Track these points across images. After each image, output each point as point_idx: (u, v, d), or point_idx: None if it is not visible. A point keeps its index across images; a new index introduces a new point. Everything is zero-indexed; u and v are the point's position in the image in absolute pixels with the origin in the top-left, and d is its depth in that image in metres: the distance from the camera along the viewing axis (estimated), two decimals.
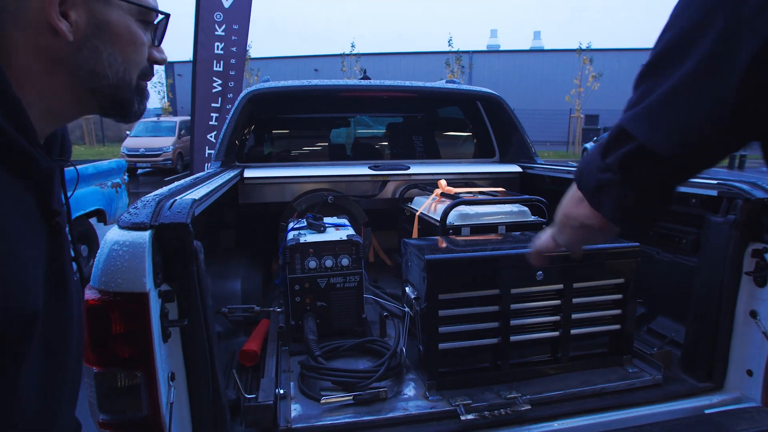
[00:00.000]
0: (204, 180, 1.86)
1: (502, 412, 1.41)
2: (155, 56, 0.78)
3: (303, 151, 3.46)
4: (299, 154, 3.37)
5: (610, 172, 0.75)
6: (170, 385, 1.15)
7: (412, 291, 1.61)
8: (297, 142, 3.52)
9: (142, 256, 1.04)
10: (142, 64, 0.75)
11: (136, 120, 0.80)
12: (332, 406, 1.44)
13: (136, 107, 0.76)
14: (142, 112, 0.78)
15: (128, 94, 0.74)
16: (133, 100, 0.75)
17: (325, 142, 3.60)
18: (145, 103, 0.78)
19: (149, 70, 0.77)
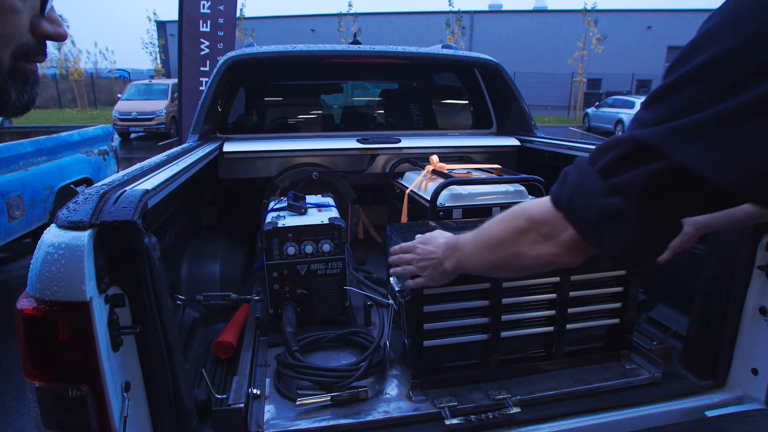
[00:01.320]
0: (175, 158, 1.71)
1: (490, 416, 1.32)
2: (44, 29, 0.57)
3: (289, 121, 3.28)
4: (285, 125, 3.19)
5: (620, 197, 0.60)
6: (124, 396, 1.04)
7: (397, 282, 1.50)
8: (282, 111, 3.32)
9: (80, 260, 0.91)
10: (19, 38, 0.55)
11: (18, 115, 0.59)
12: (308, 407, 1.35)
13: (13, 97, 0.56)
14: (27, 104, 0.58)
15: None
16: (7, 89, 0.55)
17: (312, 111, 3.41)
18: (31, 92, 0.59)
19: (37, 47, 0.57)
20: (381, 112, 3.53)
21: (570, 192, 0.68)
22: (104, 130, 5.99)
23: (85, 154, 5.50)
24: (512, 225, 0.82)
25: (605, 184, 0.62)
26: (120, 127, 14.26)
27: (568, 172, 0.71)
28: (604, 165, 0.63)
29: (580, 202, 0.66)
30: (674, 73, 0.57)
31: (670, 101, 0.56)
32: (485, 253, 0.91)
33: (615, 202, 0.61)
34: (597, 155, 0.66)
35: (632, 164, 0.59)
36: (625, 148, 0.60)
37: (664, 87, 0.57)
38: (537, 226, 0.76)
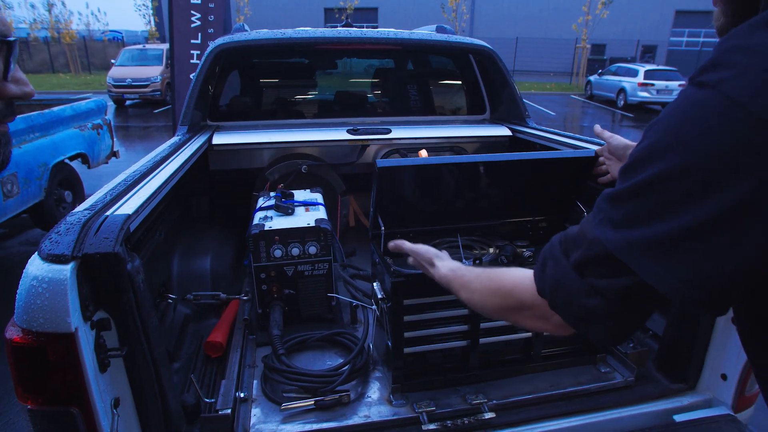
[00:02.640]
0: (162, 162, 1.72)
1: (465, 421, 1.38)
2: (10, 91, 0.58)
3: (279, 106, 3.24)
4: (275, 110, 3.16)
5: (599, 298, 0.63)
6: (114, 413, 1.09)
7: (380, 290, 1.54)
8: (272, 96, 3.29)
9: (63, 293, 0.94)
10: None
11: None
12: (293, 412, 1.41)
13: None
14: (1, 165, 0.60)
15: None
16: None
17: (303, 97, 3.37)
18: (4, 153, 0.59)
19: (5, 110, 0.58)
20: (373, 97, 3.49)
21: (551, 286, 0.70)
22: (97, 103, 5.92)
23: (78, 129, 5.45)
24: (506, 303, 0.83)
25: (583, 283, 0.64)
26: (114, 94, 14.04)
27: (546, 261, 0.72)
28: (578, 263, 0.65)
29: (562, 299, 0.68)
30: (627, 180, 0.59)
31: (628, 206, 0.59)
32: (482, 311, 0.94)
33: (595, 303, 0.63)
34: (570, 247, 0.68)
35: (604, 269, 0.62)
36: (596, 251, 0.62)
37: (621, 190, 0.60)
38: (529, 308, 0.77)
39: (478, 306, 0.92)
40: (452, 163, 1.59)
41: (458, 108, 3.39)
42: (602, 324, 0.64)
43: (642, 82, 15.32)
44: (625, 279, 0.59)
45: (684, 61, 24.14)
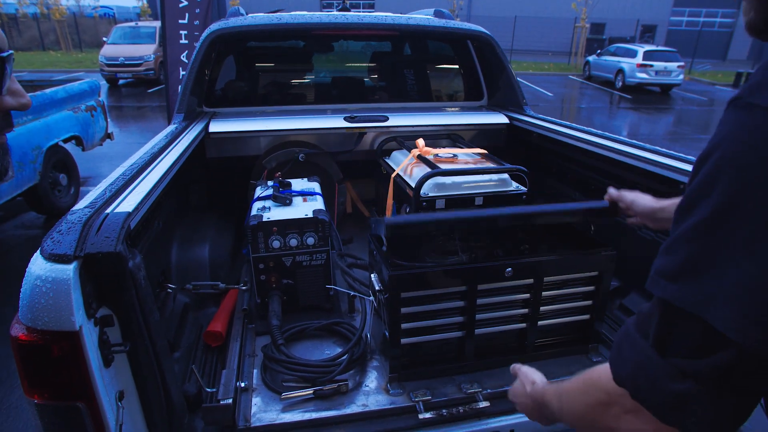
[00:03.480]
0: (159, 153, 1.72)
1: (461, 410, 1.42)
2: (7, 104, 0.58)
3: (276, 92, 3.22)
4: (272, 98, 3.14)
5: (692, 381, 0.54)
6: (118, 406, 1.12)
7: (377, 281, 1.56)
8: (268, 83, 3.26)
9: (67, 293, 0.96)
10: None
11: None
12: (292, 401, 1.45)
13: None
14: None
15: None
16: None
17: (299, 82, 3.34)
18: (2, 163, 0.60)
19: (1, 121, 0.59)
20: (370, 82, 3.46)
21: (632, 373, 0.60)
22: (90, 85, 5.84)
23: (72, 111, 5.39)
24: (591, 398, 0.70)
25: (668, 365, 0.55)
26: (107, 73, 13.82)
27: (622, 343, 0.63)
28: (659, 340, 0.57)
29: (647, 386, 0.58)
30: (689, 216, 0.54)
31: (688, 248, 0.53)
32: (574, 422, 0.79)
33: (687, 388, 0.54)
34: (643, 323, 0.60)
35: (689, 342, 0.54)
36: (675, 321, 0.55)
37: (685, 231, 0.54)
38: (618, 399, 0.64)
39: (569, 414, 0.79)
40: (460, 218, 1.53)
41: (455, 94, 3.38)
42: (698, 415, 0.54)
43: (641, 63, 15.20)
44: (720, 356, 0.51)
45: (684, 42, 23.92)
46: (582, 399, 0.73)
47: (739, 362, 0.51)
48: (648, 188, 1.84)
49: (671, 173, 1.68)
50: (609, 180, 2.07)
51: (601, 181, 2.13)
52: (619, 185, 2.01)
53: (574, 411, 0.76)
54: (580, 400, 0.74)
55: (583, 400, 0.73)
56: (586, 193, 2.28)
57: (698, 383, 0.53)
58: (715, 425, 0.55)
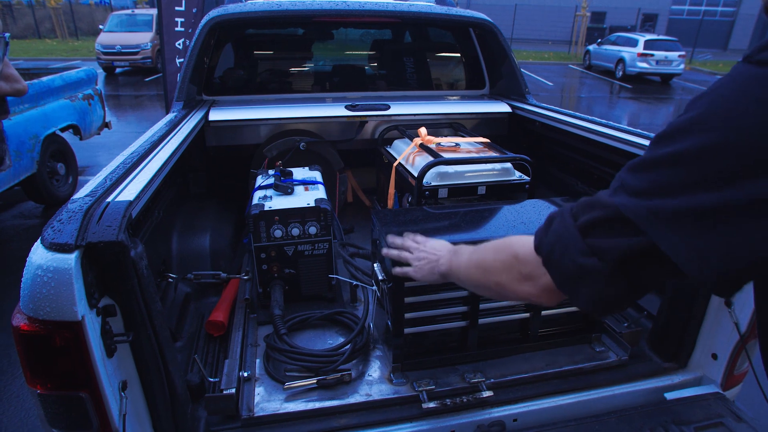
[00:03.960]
0: (159, 142, 1.70)
1: (464, 399, 1.42)
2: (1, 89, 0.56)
3: (275, 80, 3.18)
4: (271, 85, 3.10)
5: (596, 259, 0.64)
6: (122, 396, 1.11)
7: (380, 271, 1.55)
8: (268, 71, 3.22)
9: (69, 282, 0.95)
10: None
11: None
12: (296, 390, 1.44)
13: None
14: None
15: None
16: None
17: (299, 70, 3.30)
18: None
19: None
20: (371, 71, 3.42)
21: (551, 243, 0.71)
22: (87, 73, 5.77)
23: (69, 99, 5.34)
24: (500, 257, 0.86)
25: (583, 243, 0.65)
26: (104, 62, 13.69)
27: (553, 219, 0.73)
28: (585, 223, 0.66)
29: (558, 256, 0.69)
30: (660, 148, 0.58)
31: (655, 175, 0.58)
32: (474, 271, 0.97)
33: (591, 263, 0.64)
34: (580, 210, 0.69)
35: (611, 231, 0.63)
36: (607, 213, 0.63)
37: (651, 158, 0.59)
38: (520, 264, 0.80)
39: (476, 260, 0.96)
40: None
41: (457, 82, 3.35)
42: (592, 287, 0.65)
43: (641, 52, 15.11)
44: (631, 240, 0.60)
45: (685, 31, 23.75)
46: (491, 254, 0.89)
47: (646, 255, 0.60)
48: None
49: None
50: (611, 168, 2.06)
51: (604, 170, 2.12)
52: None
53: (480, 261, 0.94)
54: (490, 254, 0.90)
55: (491, 255, 0.89)
56: (588, 182, 2.27)
57: (601, 261, 0.63)
58: (598, 300, 0.66)
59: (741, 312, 1.47)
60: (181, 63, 5.75)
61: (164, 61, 5.85)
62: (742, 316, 1.47)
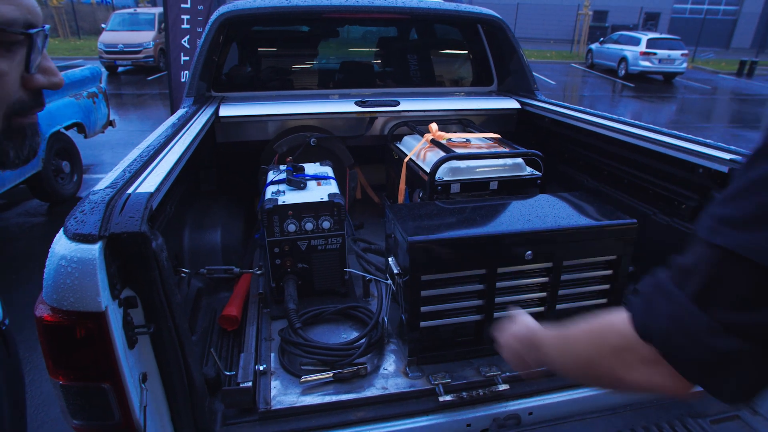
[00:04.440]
0: (173, 136, 1.70)
1: (480, 392, 1.42)
2: (38, 82, 0.57)
3: (285, 77, 3.18)
4: (281, 82, 3.10)
5: (735, 337, 0.49)
6: (142, 387, 1.12)
7: (395, 265, 1.55)
8: (277, 66, 3.22)
9: (93, 273, 0.95)
10: (10, 99, 0.54)
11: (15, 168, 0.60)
12: (312, 384, 1.44)
13: (12, 155, 0.57)
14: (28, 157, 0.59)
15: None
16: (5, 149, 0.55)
17: (309, 67, 3.30)
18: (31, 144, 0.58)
19: (32, 101, 0.57)
20: (380, 68, 3.42)
21: (665, 328, 0.55)
22: (92, 71, 5.78)
23: (73, 97, 5.34)
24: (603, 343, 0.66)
25: (711, 319, 0.50)
26: (106, 60, 13.68)
27: (652, 297, 0.58)
28: (700, 293, 0.52)
29: (682, 342, 0.53)
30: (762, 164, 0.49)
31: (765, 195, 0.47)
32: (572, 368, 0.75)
33: (731, 345, 0.49)
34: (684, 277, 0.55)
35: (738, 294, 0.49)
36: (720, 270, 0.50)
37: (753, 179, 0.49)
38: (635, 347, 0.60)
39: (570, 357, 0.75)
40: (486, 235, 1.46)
41: (465, 79, 3.34)
42: (738, 376, 0.50)
43: (644, 51, 15.09)
44: None
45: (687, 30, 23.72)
46: (592, 342, 0.68)
47: None
48: (664, 172, 1.83)
49: (688, 156, 1.66)
50: (620, 164, 2.06)
51: (613, 165, 2.12)
52: (632, 168, 2.00)
53: (578, 353, 0.72)
54: (589, 343, 0.69)
55: (592, 343, 0.68)
56: (598, 178, 2.27)
57: (744, 340, 0.48)
58: (752, 389, 0.51)
59: None
60: (186, 61, 5.75)
61: (169, 59, 5.85)
62: None
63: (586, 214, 1.58)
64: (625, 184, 2.05)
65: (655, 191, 1.89)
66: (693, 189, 1.72)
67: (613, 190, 2.11)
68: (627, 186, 2.04)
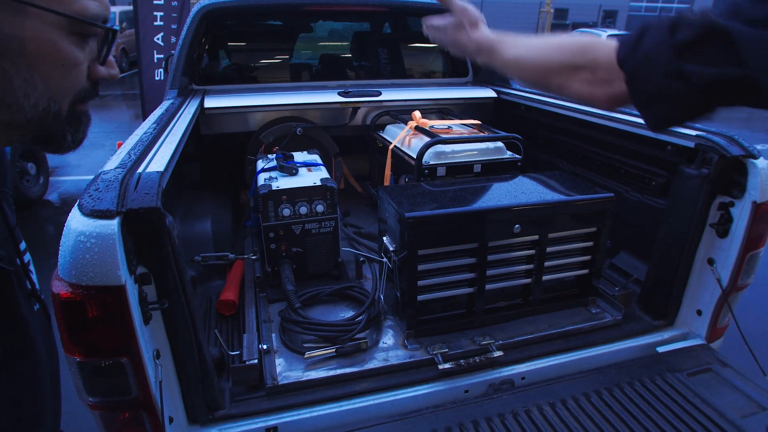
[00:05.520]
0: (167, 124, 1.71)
1: (477, 359, 1.50)
2: (100, 73, 0.61)
3: (265, 70, 3.20)
4: (261, 75, 3.12)
5: (682, 82, 0.61)
6: (156, 363, 1.14)
7: (390, 242, 1.61)
8: (258, 59, 3.23)
9: (113, 248, 0.97)
10: (78, 87, 0.58)
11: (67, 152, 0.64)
12: (315, 359, 1.49)
13: (69, 140, 0.61)
14: (80, 142, 0.63)
15: (57, 127, 0.58)
16: (64, 133, 0.59)
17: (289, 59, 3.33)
18: (84, 131, 0.63)
19: (91, 90, 0.61)
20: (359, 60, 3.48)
21: (638, 62, 0.66)
22: None
23: None
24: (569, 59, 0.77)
25: (675, 65, 0.62)
26: None
27: (645, 31, 0.68)
28: (684, 42, 0.62)
29: (645, 74, 0.66)
30: None
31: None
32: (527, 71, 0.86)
33: (676, 86, 0.62)
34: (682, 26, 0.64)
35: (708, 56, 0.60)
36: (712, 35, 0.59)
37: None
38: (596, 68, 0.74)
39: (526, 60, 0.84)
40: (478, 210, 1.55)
41: (440, 71, 3.43)
42: (667, 108, 0.65)
43: None
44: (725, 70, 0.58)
45: None
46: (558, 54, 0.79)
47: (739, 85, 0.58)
48: (634, 152, 1.95)
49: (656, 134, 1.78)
50: (593, 146, 2.18)
51: (587, 148, 2.24)
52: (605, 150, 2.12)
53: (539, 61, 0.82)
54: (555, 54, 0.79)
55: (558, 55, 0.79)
56: (573, 161, 2.39)
57: (687, 86, 0.61)
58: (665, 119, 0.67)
59: (723, 269, 1.61)
60: (160, 59, 5.65)
61: (140, 58, 5.73)
62: (723, 273, 1.61)
63: (567, 190, 1.69)
64: (598, 165, 2.17)
65: (627, 170, 2.01)
66: (662, 166, 1.84)
67: (587, 172, 2.23)
68: (600, 166, 2.16)
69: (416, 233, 1.47)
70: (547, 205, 1.58)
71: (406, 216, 1.45)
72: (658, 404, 1.37)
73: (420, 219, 1.47)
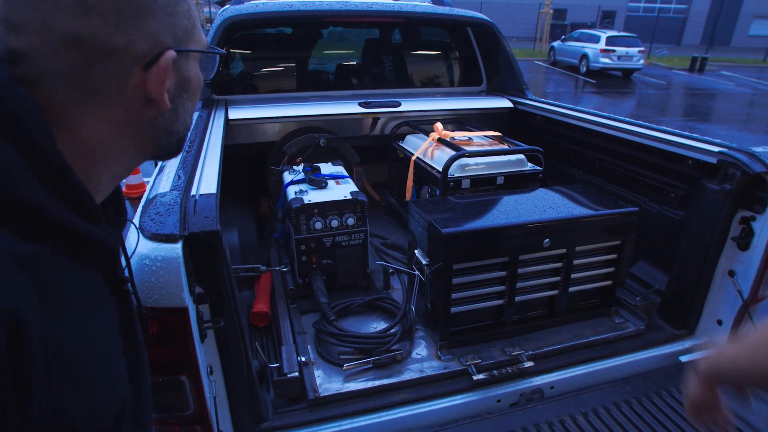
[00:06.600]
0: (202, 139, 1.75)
1: (509, 370, 1.55)
2: None
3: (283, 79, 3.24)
4: (279, 84, 3.16)
5: None
6: (210, 380, 1.19)
7: (423, 256, 1.66)
8: (277, 70, 3.27)
9: (177, 271, 1.02)
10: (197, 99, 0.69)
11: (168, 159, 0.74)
12: (352, 371, 1.54)
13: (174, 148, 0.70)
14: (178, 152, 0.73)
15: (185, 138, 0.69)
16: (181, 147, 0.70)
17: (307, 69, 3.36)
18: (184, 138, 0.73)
19: None
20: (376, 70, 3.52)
21: None
22: None
23: None
24: None
25: None
26: None
27: None
28: None
29: None
30: None
31: None
32: None
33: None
34: None
35: None
36: None
37: None
38: None
39: None
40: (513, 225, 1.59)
41: (455, 79, 3.48)
42: None
43: (604, 48, 15.69)
44: None
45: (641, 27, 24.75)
46: None
47: None
48: (653, 165, 2.00)
49: (678, 149, 1.83)
50: (610, 157, 2.23)
51: (604, 159, 2.29)
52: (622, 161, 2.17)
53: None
54: None
55: None
56: (590, 172, 2.44)
57: None
58: None
59: (743, 280, 1.66)
60: None
61: None
62: (744, 284, 1.66)
63: (593, 204, 1.74)
64: (616, 176, 2.22)
65: (645, 182, 2.06)
66: (681, 179, 1.90)
67: (603, 182, 2.28)
68: (618, 178, 2.21)
69: (452, 248, 1.52)
70: (576, 220, 1.63)
71: (443, 232, 1.50)
72: None
73: (456, 235, 1.51)
